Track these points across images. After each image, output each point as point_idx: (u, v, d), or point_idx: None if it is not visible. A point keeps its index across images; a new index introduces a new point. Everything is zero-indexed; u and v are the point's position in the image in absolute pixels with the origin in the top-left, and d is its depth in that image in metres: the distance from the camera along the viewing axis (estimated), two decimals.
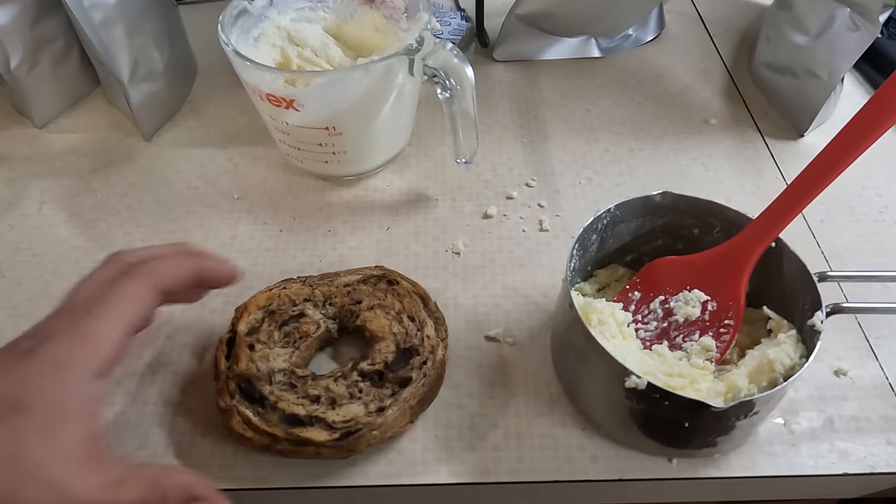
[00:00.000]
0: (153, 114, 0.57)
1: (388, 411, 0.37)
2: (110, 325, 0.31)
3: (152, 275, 0.33)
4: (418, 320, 0.41)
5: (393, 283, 0.43)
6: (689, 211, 0.41)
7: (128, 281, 0.33)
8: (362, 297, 0.42)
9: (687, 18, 0.71)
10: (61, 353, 0.30)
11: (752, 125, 0.59)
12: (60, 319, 0.32)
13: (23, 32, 0.52)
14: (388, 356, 0.39)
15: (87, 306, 0.32)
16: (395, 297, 0.42)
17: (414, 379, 0.38)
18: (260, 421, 0.36)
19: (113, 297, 0.32)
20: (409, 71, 0.45)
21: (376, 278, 0.43)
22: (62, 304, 0.33)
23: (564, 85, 0.62)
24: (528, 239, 0.49)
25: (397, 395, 0.37)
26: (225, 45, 0.45)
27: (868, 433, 0.39)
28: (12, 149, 0.56)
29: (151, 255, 0.35)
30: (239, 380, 0.38)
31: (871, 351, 0.43)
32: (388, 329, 0.40)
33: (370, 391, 0.38)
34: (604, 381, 0.37)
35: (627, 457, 0.38)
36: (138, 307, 0.33)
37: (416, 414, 0.38)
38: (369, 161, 0.52)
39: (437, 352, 0.39)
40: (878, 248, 0.49)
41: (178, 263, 0.35)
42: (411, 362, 0.39)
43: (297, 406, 0.37)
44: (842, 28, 0.52)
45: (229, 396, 0.37)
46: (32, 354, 0.30)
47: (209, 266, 0.37)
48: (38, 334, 0.31)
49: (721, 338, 0.39)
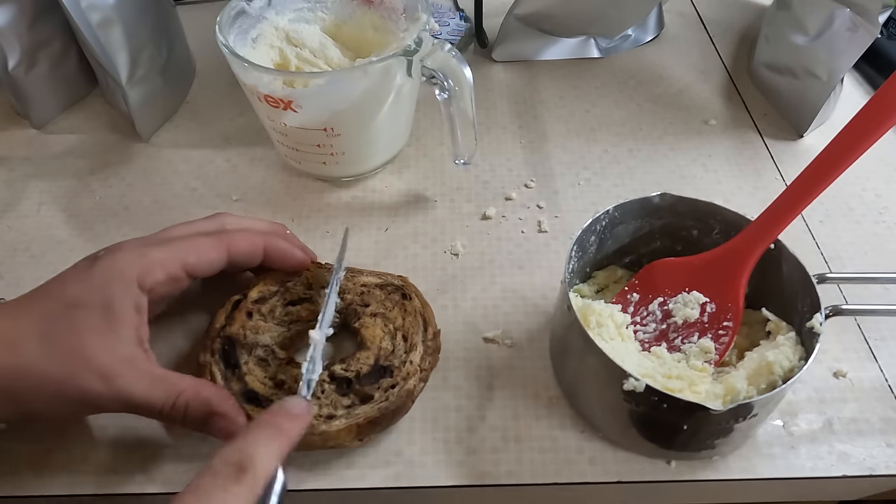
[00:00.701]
0: (151, 115, 0.57)
1: (335, 421, 0.36)
2: (169, 258, 0.36)
3: (228, 240, 0.39)
4: (410, 343, 0.39)
5: (406, 298, 0.42)
6: (688, 212, 0.41)
7: (201, 235, 0.38)
8: (371, 302, 0.41)
9: (686, 19, 0.71)
10: (121, 265, 0.35)
11: (751, 126, 0.58)
12: (136, 240, 0.38)
13: (20, 33, 0.52)
14: (364, 368, 0.38)
15: (162, 239, 0.38)
16: (401, 313, 0.41)
17: (375, 399, 0.37)
18: (225, 384, 0.37)
19: (184, 242, 0.38)
20: (407, 72, 0.45)
21: (394, 287, 0.42)
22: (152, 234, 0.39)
23: (563, 85, 0.62)
24: (526, 240, 0.49)
25: (352, 408, 0.37)
26: (223, 45, 0.45)
27: (867, 435, 0.39)
28: (10, 150, 0.56)
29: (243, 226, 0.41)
30: (224, 341, 0.39)
31: (870, 353, 0.43)
32: (378, 341, 0.39)
33: (331, 396, 0.37)
34: (602, 384, 0.36)
35: (626, 459, 0.38)
36: (200, 258, 0.37)
37: (366, 433, 0.36)
38: (368, 162, 0.52)
39: (409, 381, 0.38)
40: (878, 249, 0.49)
41: (256, 242, 0.40)
42: (381, 382, 0.38)
43: (260, 385, 0.37)
44: (841, 28, 0.52)
45: (209, 354, 0.38)
46: (99, 261, 0.35)
47: (280, 247, 0.41)
48: (113, 248, 0.37)
49: (720, 340, 0.39)
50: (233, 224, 0.41)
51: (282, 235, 0.42)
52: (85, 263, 0.36)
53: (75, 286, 0.35)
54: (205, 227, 0.40)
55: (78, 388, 0.32)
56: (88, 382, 0.32)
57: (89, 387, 0.32)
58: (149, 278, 0.35)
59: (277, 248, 0.41)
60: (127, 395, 0.33)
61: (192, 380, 0.35)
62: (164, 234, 0.39)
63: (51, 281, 0.36)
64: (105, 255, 0.36)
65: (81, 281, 0.35)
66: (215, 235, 0.39)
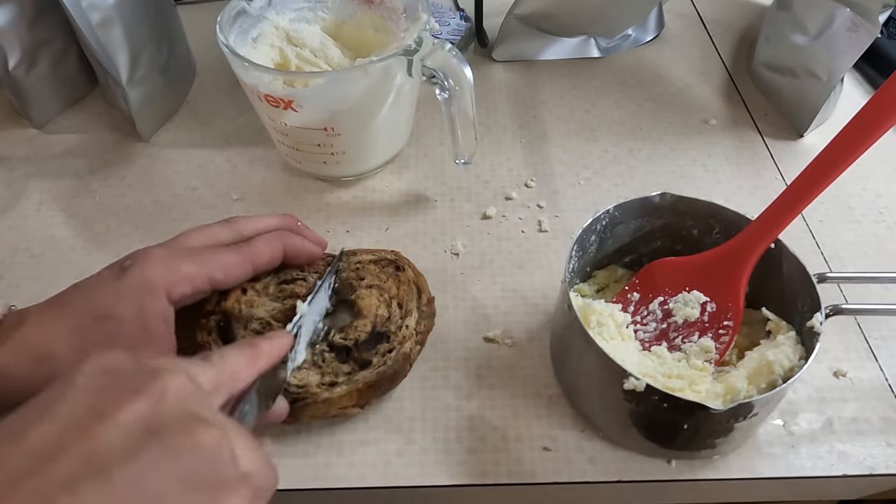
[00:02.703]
0: (151, 114, 0.57)
1: (336, 388, 0.37)
2: (197, 273, 0.37)
3: (252, 255, 0.39)
4: (405, 309, 0.41)
5: (400, 269, 0.43)
6: (688, 212, 0.41)
7: (227, 251, 0.39)
8: (366, 276, 0.43)
9: (687, 18, 0.71)
10: (151, 277, 0.35)
11: (751, 125, 0.58)
12: (164, 251, 0.37)
13: (21, 33, 0.52)
14: (362, 335, 0.39)
15: (189, 251, 0.37)
16: (395, 283, 0.42)
17: (373, 364, 0.38)
18: None
19: (211, 257, 0.38)
20: (407, 71, 0.45)
21: (387, 261, 0.44)
22: (170, 241, 0.38)
23: (564, 85, 0.62)
24: (527, 240, 0.49)
25: (352, 374, 0.38)
26: (223, 45, 0.45)
27: (867, 435, 0.39)
28: (11, 149, 0.56)
29: (258, 229, 0.41)
30: (221, 318, 0.39)
31: (870, 352, 0.43)
32: (374, 310, 0.40)
33: (331, 364, 0.38)
34: (602, 383, 0.36)
35: (626, 458, 0.38)
36: (227, 274, 0.38)
37: (366, 398, 0.38)
38: (368, 162, 0.52)
39: (406, 344, 0.39)
40: (878, 248, 0.49)
41: (276, 247, 0.40)
42: (378, 347, 0.39)
43: None
44: (841, 28, 0.52)
45: (207, 332, 0.39)
46: (128, 272, 0.35)
47: (297, 246, 0.41)
48: (140, 258, 0.36)
49: (720, 339, 0.39)
50: (249, 229, 0.41)
51: (294, 230, 0.43)
52: (112, 273, 0.36)
53: (105, 297, 0.35)
54: (223, 235, 0.40)
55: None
56: None
57: None
58: (177, 292, 0.36)
59: (294, 246, 0.41)
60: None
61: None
62: (185, 241, 0.38)
63: (74, 291, 0.36)
64: (133, 265, 0.36)
65: (112, 292, 0.35)
66: (239, 251, 0.39)
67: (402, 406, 0.40)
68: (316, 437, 0.38)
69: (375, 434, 0.39)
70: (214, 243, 0.39)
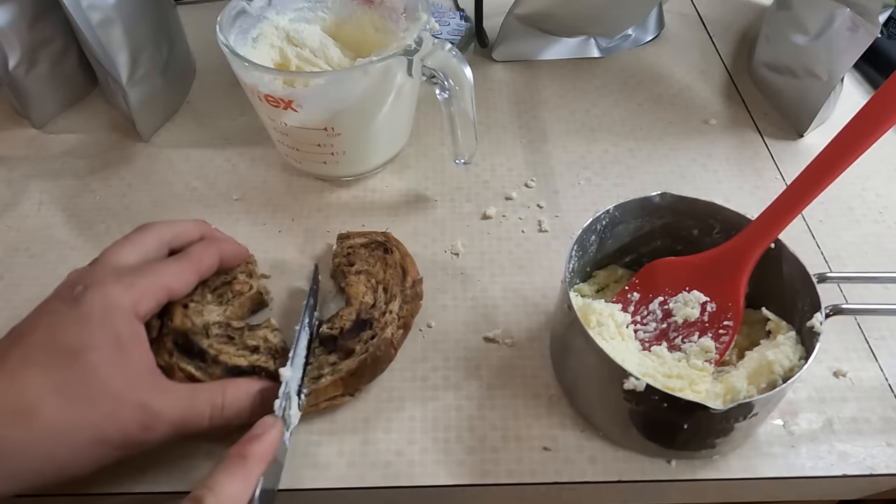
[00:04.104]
0: (152, 114, 0.57)
1: (321, 380, 0.37)
2: (155, 285, 0.36)
3: (196, 263, 0.39)
4: (390, 294, 0.40)
5: (388, 252, 0.43)
6: (688, 212, 0.41)
7: (178, 262, 0.38)
8: (356, 261, 0.42)
9: (687, 18, 0.71)
10: (115, 299, 0.34)
11: (751, 125, 0.58)
12: (110, 273, 0.36)
13: (21, 33, 0.52)
14: (347, 324, 0.39)
15: (136, 269, 0.36)
16: (383, 266, 0.42)
17: (356, 352, 0.38)
18: (203, 375, 0.37)
19: (161, 269, 0.37)
20: (407, 71, 0.45)
21: (377, 244, 0.43)
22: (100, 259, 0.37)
23: (564, 85, 0.62)
24: (527, 240, 0.49)
25: (336, 364, 0.38)
26: (223, 45, 0.45)
27: (867, 435, 0.39)
28: (11, 149, 0.56)
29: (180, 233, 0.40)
30: (175, 336, 0.38)
31: (870, 352, 0.43)
32: (360, 297, 0.40)
33: (319, 357, 0.38)
34: (602, 383, 0.36)
35: (626, 458, 0.38)
36: (182, 282, 0.38)
37: (352, 386, 0.38)
38: (368, 162, 0.52)
39: (387, 330, 0.38)
40: (878, 248, 0.49)
41: (213, 254, 0.40)
42: (361, 335, 0.38)
43: (239, 357, 0.38)
44: (841, 28, 0.52)
45: (168, 354, 0.37)
46: (85, 300, 0.33)
47: (230, 250, 0.42)
48: (92, 282, 0.34)
49: (720, 339, 0.39)
50: (169, 234, 0.40)
51: (217, 235, 0.43)
52: (65, 303, 0.34)
53: (72, 330, 0.33)
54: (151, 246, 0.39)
55: (119, 428, 0.32)
56: (127, 418, 0.32)
57: (129, 422, 0.32)
58: (143, 308, 0.35)
59: (227, 251, 0.42)
60: (170, 416, 0.33)
61: (214, 386, 0.35)
62: (116, 258, 0.37)
63: (32, 330, 0.33)
64: (88, 290, 0.34)
65: (76, 324, 0.33)
66: (185, 260, 0.39)
67: (402, 406, 0.40)
68: (316, 437, 0.38)
69: (375, 434, 0.39)
70: (147, 255, 0.38)
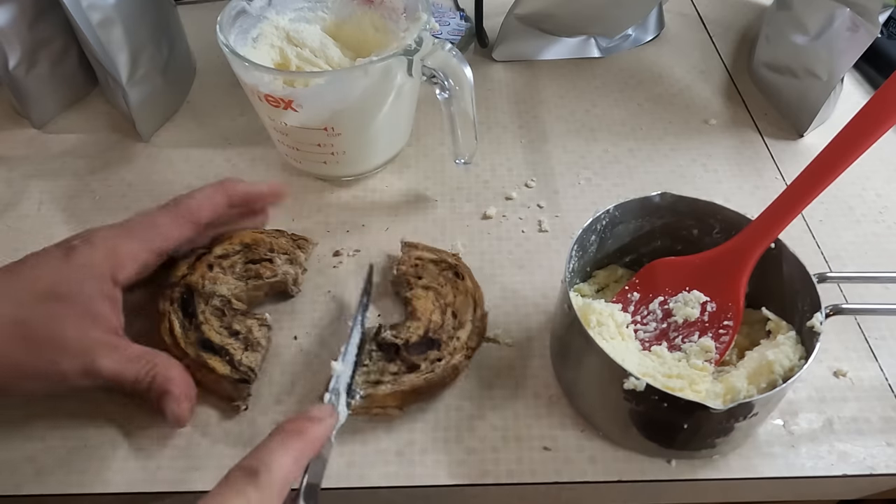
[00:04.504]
0: (152, 114, 0.57)
1: (381, 387, 0.37)
2: (139, 248, 0.38)
3: (183, 211, 0.40)
4: (459, 320, 0.41)
5: (459, 277, 0.43)
6: (688, 212, 0.41)
7: (161, 215, 0.40)
8: (424, 275, 0.43)
9: (687, 18, 0.71)
10: (95, 259, 0.37)
11: (751, 125, 0.58)
12: (107, 231, 0.38)
13: (21, 33, 0.52)
14: (413, 337, 0.39)
15: (128, 228, 0.39)
16: (453, 290, 0.42)
17: (421, 369, 0.38)
18: (182, 334, 0.39)
19: (148, 228, 0.39)
20: (407, 71, 0.45)
21: (447, 265, 0.44)
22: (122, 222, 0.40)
23: (564, 85, 0.62)
24: (527, 240, 0.49)
25: (398, 376, 0.38)
26: (223, 45, 0.45)
27: (867, 434, 0.39)
28: (11, 149, 0.56)
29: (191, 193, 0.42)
30: (184, 290, 0.40)
31: (870, 352, 0.43)
32: (429, 314, 0.41)
33: (378, 362, 0.38)
34: (602, 383, 0.36)
35: (626, 458, 0.38)
36: (167, 238, 0.39)
37: (408, 402, 0.38)
38: (368, 162, 0.52)
39: (455, 356, 0.39)
40: (878, 248, 0.49)
41: (208, 195, 0.41)
42: (428, 353, 0.39)
43: (216, 334, 0.39)
44: (841, 28, 0.52)
45: (169, 302, 0.40)
46: (73, 254, 0.36)
47: (240, 188, 0.43)
48: (85, 237, 0.38)
49: (720, 339, 0.39)
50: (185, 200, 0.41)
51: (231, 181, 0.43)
52: (59, 252, 0.37)
53: (50, 277, 0.36)
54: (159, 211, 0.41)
55: (59, 372, 0.34)
56: (70, 364, 0.34)
57: (69, 370, 0.34)
58: (122, 274, 0.37)
59: (238, 192, 0.42)
60: (102, 372, 0.35)
61: (166, 358, 0.37)
62: (130, 221, 0.40)
63: (21, 264, 0.37)
64: (80, 245, 0.37)
65: (57, 272, 0.36)
66: (172, 210, 0.40)
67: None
68: None
69: (375, 434, 0.39)
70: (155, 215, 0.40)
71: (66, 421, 0.39)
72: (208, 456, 0.38)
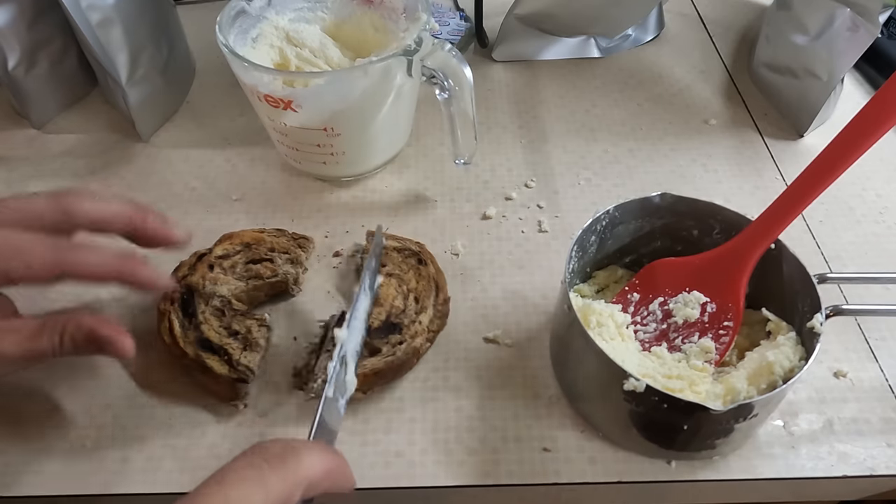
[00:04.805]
0: (151, 114, 0.57)
1: None
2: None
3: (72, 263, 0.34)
4: (421, 305, 0.41)
5: (422, 263, 0.44)
6: (688, 212, 0.41)
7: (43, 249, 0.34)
8: (388, 263, 0.43)
9: (687, 18, 0.71)
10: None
11: (751, 125, 0.58)
12: None
13: (20, 33, 0.52)
14: (375, 322, 0.40)
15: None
16: (416, 276, 0.43)
17: (383, 352, 0.39)
18: (181, 333, 0.39)
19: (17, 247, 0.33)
20: (407, 72, 0.45)
21: (411, 252, 0.44)
22: None
23: (564, 85, 0.62)
24: (527, 240, 0.49)
25: (360, 360, 0.38)
26: (223, 45, 0.45)
27: (868, 435, 0.39)
28: (10, 150, 0.56)
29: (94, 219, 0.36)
30: (185, 291, 0.41)
31: (870, 353, 0.43)
32: (391, 300, 0.41)
33: None
34: (602, 384, 0.36)
35: (626, 459, 0.38)
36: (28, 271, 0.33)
37: (370, 385, 0.38)
38: (368, 162, 0.52)
39: (416, 339, 0.40)
40: (878, 249, 0.49)
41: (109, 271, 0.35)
42: (390, 337, 0.39)
43: (215, 334, 0.39)
44: (842, 28, 0.52)
45: (170, 302, 0.41)
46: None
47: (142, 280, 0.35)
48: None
49: (720, 339, 0.39)
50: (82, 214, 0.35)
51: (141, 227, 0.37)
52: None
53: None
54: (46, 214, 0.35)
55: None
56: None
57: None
58: None
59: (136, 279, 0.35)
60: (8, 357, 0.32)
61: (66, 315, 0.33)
62: None
63: None
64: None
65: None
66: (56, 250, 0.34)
67: (402, 407, 0.40)
68: None
69: (375, 435, 0.39)
70: (32, 222, 0.34)
71: (64, 421, 0.39)
72: (207, 456, 0.38)
